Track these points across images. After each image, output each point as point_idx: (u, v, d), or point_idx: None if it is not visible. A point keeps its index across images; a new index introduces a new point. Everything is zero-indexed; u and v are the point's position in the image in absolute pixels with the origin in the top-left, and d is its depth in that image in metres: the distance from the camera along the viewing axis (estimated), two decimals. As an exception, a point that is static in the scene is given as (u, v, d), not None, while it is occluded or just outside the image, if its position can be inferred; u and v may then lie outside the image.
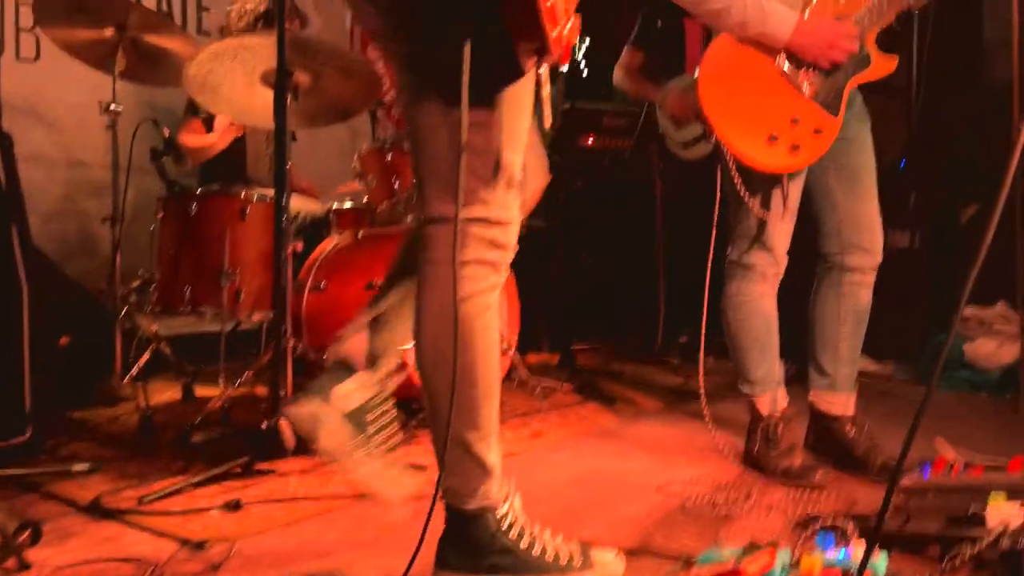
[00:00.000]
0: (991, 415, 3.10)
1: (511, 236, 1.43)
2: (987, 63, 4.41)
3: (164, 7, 3.85)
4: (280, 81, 2.29)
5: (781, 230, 2.19)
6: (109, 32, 2.75)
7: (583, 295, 4.50)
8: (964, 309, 3.74)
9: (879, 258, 2.25)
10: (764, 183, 2.14)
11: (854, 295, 2.26)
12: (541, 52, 1.29)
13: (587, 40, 4.71)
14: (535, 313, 3.23)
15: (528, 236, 4.77)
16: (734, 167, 2.11)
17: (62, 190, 3.52)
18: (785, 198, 2.14)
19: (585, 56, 5.41)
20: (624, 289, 4.72)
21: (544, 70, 1.41)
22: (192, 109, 3.36)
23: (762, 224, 2.18)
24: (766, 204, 2.15)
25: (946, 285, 4.36)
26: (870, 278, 2.27)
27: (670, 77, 4.02)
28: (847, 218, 2.23)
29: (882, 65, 2.10)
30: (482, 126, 1.34)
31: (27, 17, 3.37)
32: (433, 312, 1.38)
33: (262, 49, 2.72)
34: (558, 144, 5.16)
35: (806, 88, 2.07)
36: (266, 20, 3.27)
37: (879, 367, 3.82)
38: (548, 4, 1.23)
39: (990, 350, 3.44)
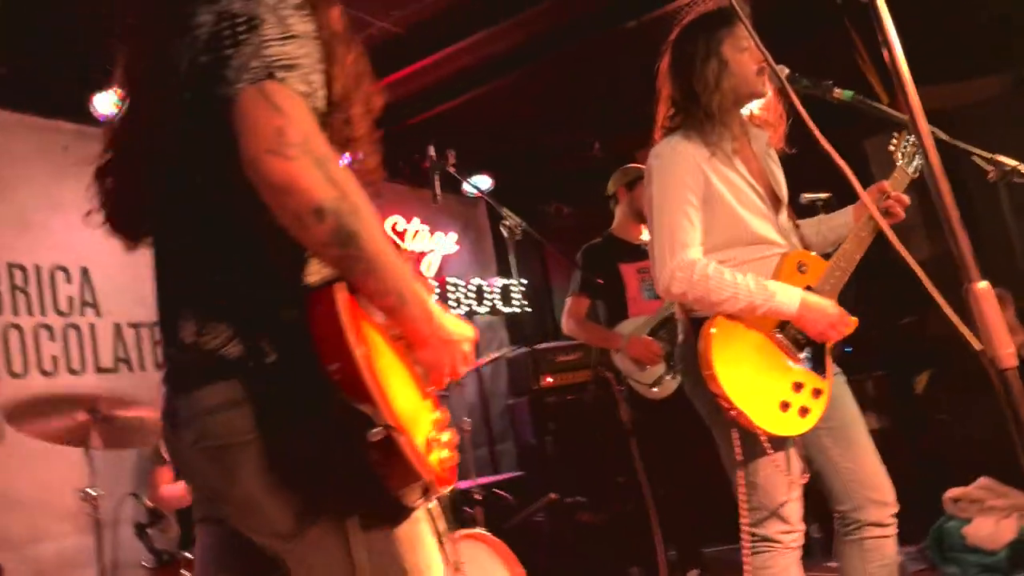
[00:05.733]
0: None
1: None
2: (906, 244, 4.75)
3: (120, 351, 3.90)
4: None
5: (795, 499, 2.21)
6: (81, 417, 2.77)
7: (576, 542, 4.43)
8: (949, 491, 3.82)
9: (896, 507, 2.25)
10: (770, 454, 2.18)
11: (879, 550, 2.23)
12: (426, 491, 1.27)
13: (525, 280, 4.93)
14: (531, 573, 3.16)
15: (510, 488, 4.72)
16: (739, 442, 2.15)
17: (32, 569, 3.37)
18: (790, 467, 2.18)
19: (525, 296, 5.65)
20: (620, 527, 4.67)
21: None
22: (158, 457, 3.31)
23: (777, 497, 2.20)
24: (776, 477, 2.20)
25: (924, 459, 4.47)
26: (892, 529, 2.25)
27: (615, 317, 4.24)
28: (852, 476, 2.25)
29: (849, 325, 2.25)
30: None
31: (-14, 401, 3.37)
32: None
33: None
34: (519, 388, 5.28)
35: (797, 353, 2.20)
36: None
37: (886, 557, 3.81)
38: (415, 450, 1.21)
39: (989, 530, 3.48)
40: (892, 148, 2.29)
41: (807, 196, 3.47)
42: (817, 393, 2.20)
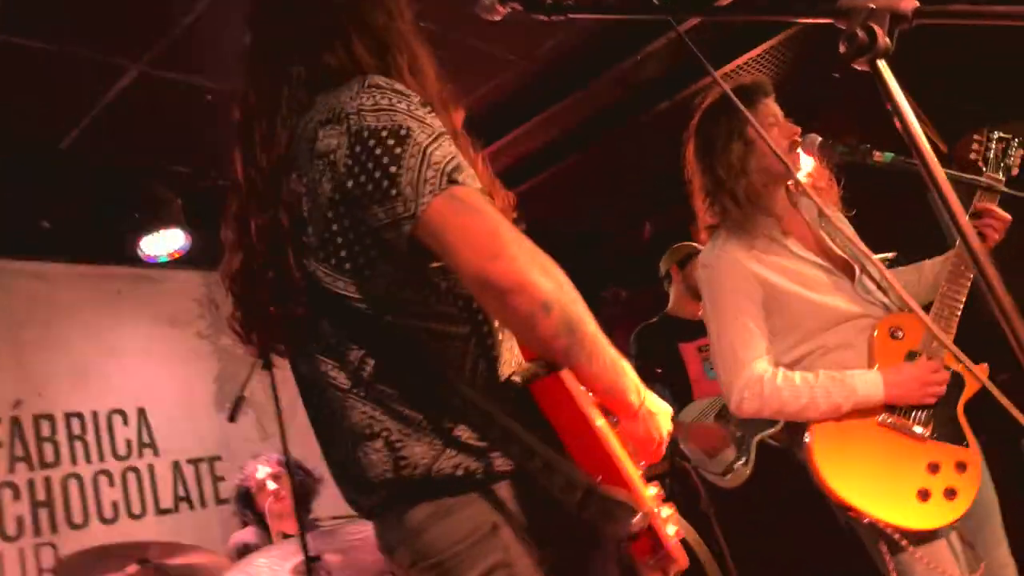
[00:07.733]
0: None
1: None
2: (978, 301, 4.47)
3: (180, 490, 3.89)
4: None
5: None
6: (132, 569, 2.71)
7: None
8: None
9: None
10: (920, 555, 1.93)
11: None
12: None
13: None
14: None
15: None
16: (886, 548, 1.92)
17: None
18: (957, 558, 1.93)
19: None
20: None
21: None
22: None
23: None
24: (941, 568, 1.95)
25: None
26: None
27: (680, 401, 4.02)
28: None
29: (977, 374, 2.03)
30: None
31: (47, 557, 3.37)
32: None
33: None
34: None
35: (920, 430, 1.97)
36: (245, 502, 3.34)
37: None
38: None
39: None
40: (973, 156, 2.04)
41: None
42: (961, 467, 1.96)
